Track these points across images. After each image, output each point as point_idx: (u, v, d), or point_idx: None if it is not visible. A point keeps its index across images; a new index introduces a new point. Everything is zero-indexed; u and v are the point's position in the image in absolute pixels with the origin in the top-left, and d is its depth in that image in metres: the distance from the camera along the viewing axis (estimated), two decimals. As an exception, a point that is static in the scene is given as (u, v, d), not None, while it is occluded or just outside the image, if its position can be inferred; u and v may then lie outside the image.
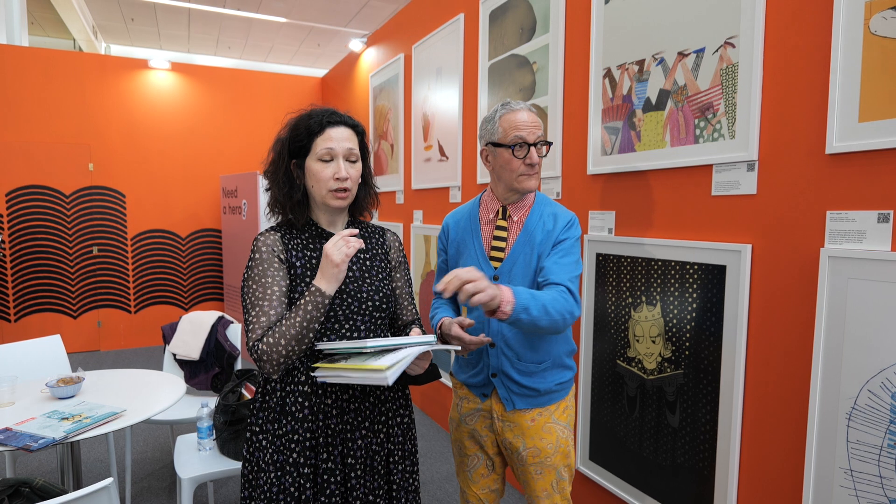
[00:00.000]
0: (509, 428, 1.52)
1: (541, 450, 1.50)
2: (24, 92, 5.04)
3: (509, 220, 1.52)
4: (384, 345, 1.15)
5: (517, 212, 1.52)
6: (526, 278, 1.47)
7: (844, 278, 1.33)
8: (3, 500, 1.32)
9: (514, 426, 1.51)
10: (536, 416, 1.51)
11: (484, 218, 1.57)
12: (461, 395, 1.63)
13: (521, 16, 2.55)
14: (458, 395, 1.65)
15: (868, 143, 1.29)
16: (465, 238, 1.57)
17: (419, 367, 1.26)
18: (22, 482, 1.41)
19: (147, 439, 3.33)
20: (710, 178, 1.69)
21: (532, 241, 1.47)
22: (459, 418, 1.63)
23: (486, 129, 1.51)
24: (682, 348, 1.79)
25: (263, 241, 1.30)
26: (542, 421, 1.50)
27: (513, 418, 1.51)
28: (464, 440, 1.63)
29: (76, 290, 5.33)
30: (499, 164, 1.48)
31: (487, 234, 1.54)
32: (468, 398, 1.60)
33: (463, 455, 1.64)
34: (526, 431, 1.50)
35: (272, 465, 1.27)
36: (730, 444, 1.64)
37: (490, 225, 1.55)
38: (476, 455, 1.61)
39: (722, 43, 1.63)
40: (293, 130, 1.29)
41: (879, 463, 1.28)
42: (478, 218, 1.57)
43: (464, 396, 1.62)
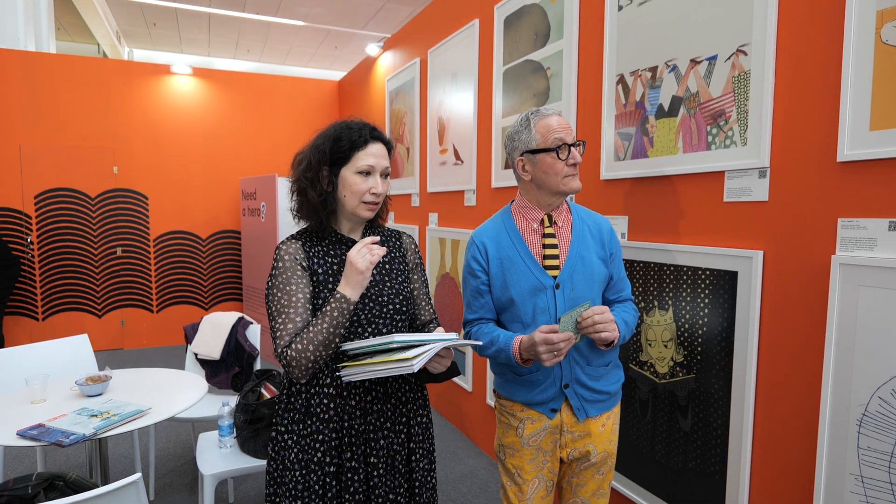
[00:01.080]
0: (580, 438, 1.51)
1: (609, 453, 1.55)
2: (52, 98, 5.19)
3: (555, 226, 1.51)
4: (410, 339, 1.18)
5: (560, 217, 1.52)
6: (588, 283, 1.48)
7: (855, 286, 1.34)
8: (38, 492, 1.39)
9: (584, 435, 1.51)
10: (606, 421, 1.54)
11: (526, 228, 1.52)
12: (522, 417, 1.52)
13: (536, 22, 2.58)
14: (516, 417, 1.54)
15: (879, 151, 1.29)
16: (510, 252, 1.50)
17: (441, 364, 1.28)
18: (56, 476, 1.48)
19: (169, 436, 3.42)
20: (721, 185, 1.71)
21: (585, 245, 1.50)
22: (520, 443, 1.53)
23: (520, 139, 1.49)
24: (694, 353, 1.80)
25: (286, 249, 1.34)
26: (610, 424, 1.55)
27: (584, 428, 1.51)
28: (525, 465, 1.53)
29: (101, 290, 5.47)
30: (541, 170, 1.46)
31: (536, 244, 1.50)
32: (532, 418, 1.51)
33: (523, 482, 1.53)
34: (598, 438, 1.52)
35: (297, 463, 1.32)
36: (741, 449, 1.65)
37: (535, 234, 1.51)
38: (537, 478, 1.53)
39: (734, 51, 1.64)
40: (336, 141, 1.32)
41: (890, 469, 1.29)
42: (517, 230, 1.52)
43: (526, 418, 1.52)
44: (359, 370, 1.22)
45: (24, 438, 1.73)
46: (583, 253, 1.48)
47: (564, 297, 1.46)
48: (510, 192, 2.83)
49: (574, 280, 1.46)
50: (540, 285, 1.46)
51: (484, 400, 3.18)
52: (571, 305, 1.46)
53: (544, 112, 1.49)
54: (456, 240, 3.39)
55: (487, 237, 1.54)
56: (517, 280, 1.48)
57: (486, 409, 3.16)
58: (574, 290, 1.46)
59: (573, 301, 1.46)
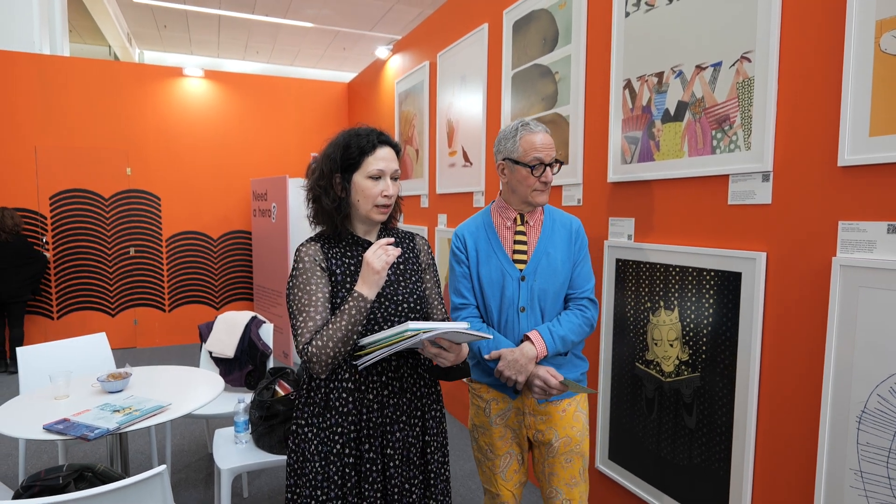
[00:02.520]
0: (542, 420, 1.65)
1: (572, 438, 1.64)
2: (67, 100, 5.28)
3: (526, 225, 1.68)
4: (423, 326, 1.22)
5: (532, 217, 1.68)
6: (550, 277, 1.63)
7: (855, 287, 1.39)
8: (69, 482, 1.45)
9: (546, 418, 1.64)
10: (567, 407, 1.64)
11: (501, 225, 1.70)
12: (488, 399, 1.70)
13: (544, 27, 2.63)
14: (483, 399, 1.72)
15: (879, 156, 1.34)
16: (485, 246, 1.69)
17: (446, 358, 1.33)
18: (86, 467, 1.54)
19: (183, 433, 3.50)
20: (726, 188, 1.75)
21: (552, 243, 1.65)
22: (489, 422, 1.70)
23: (506, 146, 1.65)
24: (699, 352, 1.85)
25: (305, 251, 1.40)
26: (571, 410, 1.65)
27: (545, 411, 1.64)
28: (495, 442, 1.70)
29: (114, 289, 5.57)
30: (515, 178, 1.63)
31: (508, 240, 1.68)
32: (496, 399, 1.69)
33: (495, 456, 1.71)
34: (558, 422, 1.63)
35: (317, 455, 1.38)
36: (745, 445, 1.69)
37: (509, 231, 1.68)
38: (509, 452, 1.70)
39: (738, 57, 1.69)
40: (345, 148, 1.38)
41: (888, 464, 1.33)
42: (493, 226, 1.70)
43: (491, 399, 1.70)
44: (372, 355, 1.28)
45: (50, 432, 1.80)
46: (549, 250, 1.64)
47: (528, 287, 1.63)
48: (518, 194, 2.88)
49: (538, 273, 1.63)
50: (508, 275, 1.64)
51: (492, 398, 3.23)
52: (535, 296, 1.63)
53: (532, 128, 1.62)
54: (464, 240, 3.43)
55: (467, 231, 1.74)
56: (489, 270, 1.67)
57: (495, 407, 3.21)
58: (537, 282, 1.63)
59: (536, 291, 1.63)
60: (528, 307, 1.63)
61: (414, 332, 1.21)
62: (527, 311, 1.63)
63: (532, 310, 1.63)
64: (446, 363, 1.34)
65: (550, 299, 1.63)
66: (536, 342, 1.57)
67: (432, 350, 1.31)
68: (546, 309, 1.64)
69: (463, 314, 1.70)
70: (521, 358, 1.55)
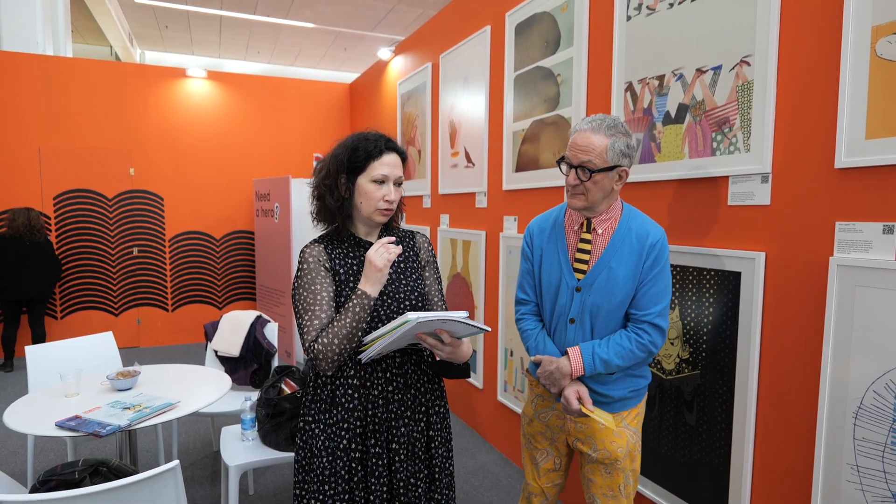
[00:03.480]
0: (581, 430, 1.60)
1: (611, 452, 1.56)
2: (71, 101, 5.32)
3: (593, 232, 1.55)
4: (424, 315, 1.24)
5: (602, 225, 1.54)
6: (606, 293, 1.50)
7: (852, 286, 1.42)
8: (84, 477, 1.48)
9: (585, 428, 1.59)
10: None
11: (570, 227, 1.60)
12: (537, 393, 1.72)
13: (546, 30, 2.66)
14: (533, 392, 1.74)
15: (874, 158, 1.37)
16: (549, 245, 1.62)
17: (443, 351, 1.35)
18: (101, 462, 1.58)
19: (188, 432, 3.53)
20: (726, 189, 1.79)
21: (618, 257, 1.50)
22: (534, 414, 1.72)
23: None
24: (700, 350, 1.88)
25: (310, 252, 1.44)
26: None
27: (585, 421, 1.58)
28: (536, 435, 1.72)
29: (117, 289, 5.60)
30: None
31: (573, 244, 1.58)
32: (543, 396, 1.69)
33: (533, 448, 1.74)
34: (597, 434, 1.57)
35: (324, 450, 1.41)
36: (744, 441, 1.73)
37: (575, 235, 1.58)
38: (546, 450, 1.71)
39: (738, 61, 1.72)
40: (353, 151, 1.42)
41: (883, 459, 1.36)
42: (563, 225, 1.61)
43: (539, 394, 1.71)
44: (374, 347, 1.31)
45: (62, 429, 1.83)
46: (611, 264, 1.50)
47: (582, 300, 1.54)
48: (521, 195, 2.92)
49: (594, 287, 1.52)
50: (564, 282, 1.56)
51: (495, 397, 3.27)
52: (587, 310, 1.54)
53: (579, 126, 1.50)
54: (467, 241, 3.47)
55: (537, 227, 1.68)
56: (549, 272, 1.60)
57: (497, 406, 3.25)
58: (592, 296, 1.52)
59: (589, 305, 1.53)
60: (578, 319, 1.55)
61: (414, 321, 1.22)
62: (576, 324, 1.55)
63: (581, 323, 1.55)
64: (443, 355, 1.37)
65: (603, 316, 1.52)
66: (574, 360, 1.50)
67: (430, 341, 1.33)
68: (597, 325, 1.54)
69: (523, 309, 1.70)
70: (555, 371, 1.53)
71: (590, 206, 1.52)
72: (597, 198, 1.50)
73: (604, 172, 1.46)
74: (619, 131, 1.47)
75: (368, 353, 1.33)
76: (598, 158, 1.45)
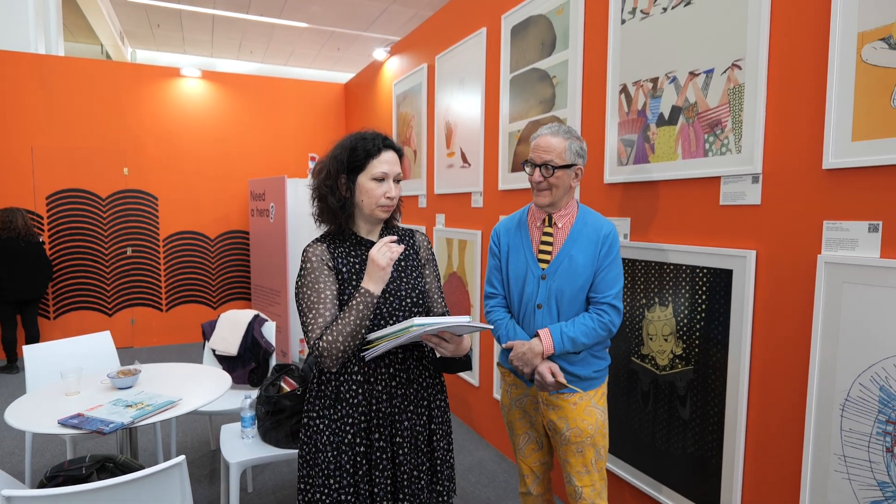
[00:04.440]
0: (553, 410, 1.73)
1: (582, 430, 1.70)
2: (64, 100, 5.30)
3: (554, 226, 1.74)
4: (428, 322, 1.29)
5: (561, 219, 1.74)
6: (569, 279, 1.68)
7: (839, 282, 1.47)
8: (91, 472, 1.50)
9: (558, 409, 1.72)
10: (578, 400, 1.71)
11: (533, 224, 1.79)
12: (510, 383, 1.86)
13: (542, 32, 2.71)
14: (506, 382, 1.87)
15: (860, 160, 1.42)
16: (515, 241, 1.80)
17: (446, 349, 1.39)
18: (107, 458, 1.60)
19: (186, 430, 3.54)
20: (718, 189, 1.84)
21: (577, 247, 1.69)
22: (510, 403, 1.87)
23: None
24: (693, 346, 1.93)
25: (313, 251, 1.46)
26: (583, 404, 1.71)
27: (557, 402, 1.72)
28: (515, 422, 1.87)
29: (111, 289, 5.59)
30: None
31: (536, 238, 1.77)
32: (516, 384, 1.83)
33: (515, 434, 1.89)
34: (569, 413, 1.70)
35: (329, 445, 1.44)
36: (736, 434, 1.78)
37: (538, 231, 1.77)
38: (527, 433, 1.86)
39: (729, 65, 1.77)
40: (352, 151, 1.45)
41: (869, 449, 1.42)
42: (527, 223, 1.80)
43: (512, 383, 1.85)
44: (379, 346, 1.35)
45: (65, 427, 1.85)
46: (572, 252, 1.69)
47: (548, 287, 1.71)
48: (517, 195, 2.96)
49: (558, 274, 1.70)
50: (530, 272, 1.73)
51: (490, 394, 3.31)
52: (552, 295, 1.70)
53: (540, 132, 1.73)
54: (463, 240, 3.51)
55: (503, 225, 1.87)
56: (516, 265, 1.77)
57: (493, 403, 3.29)
58: (556, 282, 1.69)
59: (554, 291, 1.70)
60: (544, 304, 1.71)
61: (419, 327, 1.28)
62: (543, 309, 1.71)
63: (549, 307, 1.70)
64: (446, 353, 1.41)
65: (567, 299, 1.69)
66: (545, 339, 1.65)
67: (434, 340, 1.38)
68: (562, 308, 1.70)
69: (491, 302, 1.85)
70: (528, 352, 1.66)
71: (554, 202, 1.70)
72: (559, 193, 1.69)
73: (563, 170, 1.67)
74: (573, 136, 1.71)
75: (373, 351, 1.36)
76: (558, 157, 1.67)
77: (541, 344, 1.65)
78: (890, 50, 1.36)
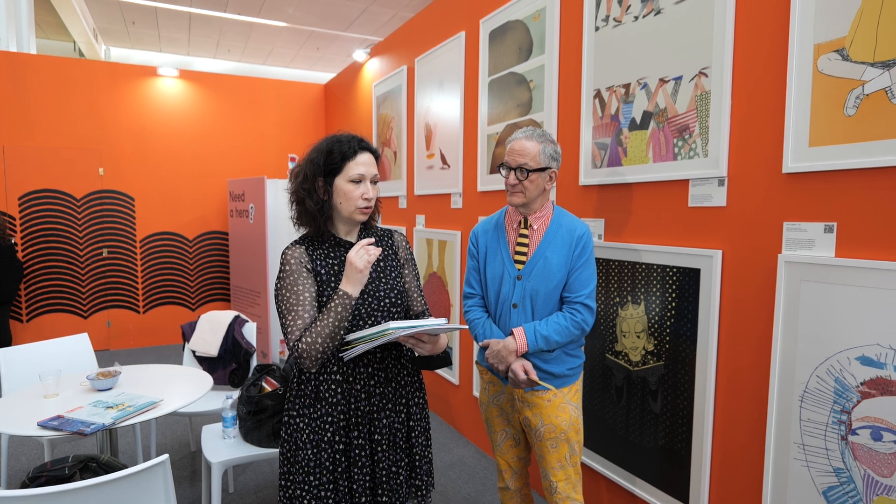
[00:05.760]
0: (528, 408, 1.78)
1: (556, 426, 1.75)
2: (37, 99, 5.21)
3: (530, 228, 1.79)
4: (403, 325, 1.34)
5: (537, 221, 1.79)
6: (544, 279, 1.74)
7: (798, 280, 1.56)
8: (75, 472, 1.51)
9: (532, 406, 1.77)
10: (552, 397, 1.76)
11: (510, 226, 1.84)
12: (487, 380, 1.91)
13: (520, 37, 2.77)
14: (484, 380, 1.93)
15: (817, 164, 1.51)
16: (492, 243, 1.85)
17: (423, 348, 1.45)
18: (90, 458, 1.61)
19: (165, 433, 3.52)
20: (686, 192, 1.91)
21: (552, 248, 1.74)
22: (488, 400, 1.92)
23: None
24: (663, 342, 2.01)
25: (291, 254, 1.49)
26: (557, 401, 1.76)
27: (531, 399, 1.77)
28: (492, 418, 1.93)
29: (86, 291, 5.50)
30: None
31: (513, 240, 1.82)
32: (493, 382, 1.89)
33: (493, 431, 1.95)
34: (543, 410, 1.76)
35: (309, 443, 1.47)
36: (704, 427, 1.86)
37: (514, 233, 1.82)
38: (504, 430, 1.92)
39: (697, 72, 1.85)
40: (328, 154, 1.47)
41: (825, 437, 1.50)
42: (503, 226, 1.86)
43: (490, 381, 1.90)
44: (357, 348, 1.39)
45: (45, 429, 1.84)
46: (546, 253, 1.74)
47: (523, 287, 1.76)
48: (495, 196, 3.02)
49: (533, 274, 1.75)
50: (507, 273, 1.79)
51: (470, 393, 3.36)
52: (527, 294, 1.75)
53: (515, 135, 1.78)
54: (443, 240, 3.56)
55: (481, 227, 1.92)
56: (493, 266, 1.83)
57: (473, 402, 3.34)
58: (531, 282, 1.75)
59: (529, 291, 1.75)
60: (520, 304, 1.76)
61: (395, 331, 1.33)
62: (518, 308, 1.76)
63: (524, 307, 1.76)
64: (423, 352, 1.47)
65: (542, 299, 1.74)
66: (519, 338, 1.70)
67: (411, 341, 1.43)
68: (537, 307, 1.75)
69: (470, 302, 1.91)
70: (503, 350, 1.71)
71: (527, 203, 1.75)
72: (533, 195, 1.74)
73: (538, 172, 1.72)
74: (548, 139, 1.75)
75: (351, 352, 1.40)
76: (533, 161, 1.71)
77: (515, 342, 1.70)
78: (843, 61, 1.45)
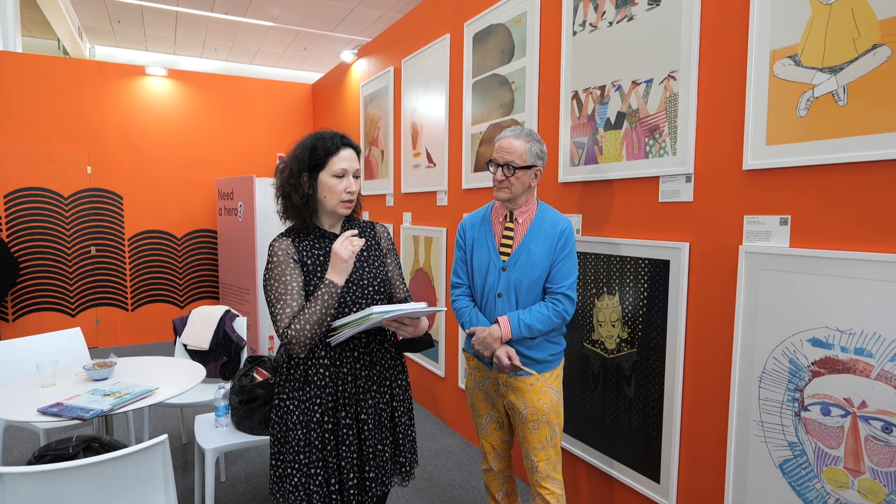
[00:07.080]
0: (512, 391, 1.88)
1: (538, 409, 1.85)
2: (24, 97, 5.21)
3: (515, 222, 1.88)
4: (386, 309, 1.43)
5: (522, 215, 1.88)
6: (528, 271, 1.82)
7: (757, 270, 1.68)
8: (78, 452, 1.59)
9: (516, 389, 1.87)
10: (534, 382, 1.86)
11: (496, 219, 1.93)
12: (473, 366, 2.01)
13: (502, 40, 2.88)
14: (470, 366, 2.02)
15: (773, 161, 1.63)
16: (479, 235, 1.94)
17: (406, 332, 1.54)
18: (93, 438, 1.68)
19: (157, 424, 3.59)
20: (657, 188, 2.03)
21: (536, 240, 1.83)
22: (474, 385, 2.02)
23: None
24: (636, 330, 2.13)
25: (279, 245, 1.57)
26: (539, 385, 1.87)
27: (515, 383, 1.86)
28: (478, 403, 2.02)
29: (74, 289, 5.52)
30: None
31: (499, 233, 1.91)
32: (479, 368, 1.98)
33: (478, 415, 2.04)
34: (526, 393, 1.85)
35: (299, 424, 1.56)
36: (673, 409, 1.98)
37: (500, 226, 1.91)
38: (489, 414, 2.01)
39: (666, 75, 1.97)
40: (312, 150, 1.56)
41: (781, 414, 1.63)
42: (490, 219, 1.94)
43: (475, 367, 2.00)
44: (343, 333, 1.48)
45: (45, 415, 1.91)
46: (530, 246, 1.83)
47: (508, 277, 1.84)
48: (480, 193, 3.12)
49: (517, 265, 1.83)
50: (492, 264, 1.87)
51: (455, 384, 3.47)
52: (512, 285, 1.84)
53: (504, 134, 1.86)
54: (429, 237, 3.66)
55: (469, 220, 2.01)
56: (479, 257, 1.91)
57: (458, 393, 3.45)
58: (515, 273, 1.83)
59: (513, 281, 1.83)
60: (504, 294, 1.85)
61: (379, 314, 1.42)
62: (503, 297, 1.85)
63: (508, 296, 1.85)
64: (406, 335, 1.57)
65: (525, 289, 1.83)
66: (503, 326, 1.79)
67: (394, 325, 1.53)
68: (521, 297, 1.84)
69: (457, 292, 2.00)
70: (488, 337, 1.81)
71: (513, 198, 1.84)
72: (518, 191, 1.83)
73: (524, 170, 1.81)
74: (534, 139, 1.84)
75: (338, 337, 1.49)
76: (519, 159, 1.80)
77: (500, 330, 1.79)
78: (796, 66, 1.57)
